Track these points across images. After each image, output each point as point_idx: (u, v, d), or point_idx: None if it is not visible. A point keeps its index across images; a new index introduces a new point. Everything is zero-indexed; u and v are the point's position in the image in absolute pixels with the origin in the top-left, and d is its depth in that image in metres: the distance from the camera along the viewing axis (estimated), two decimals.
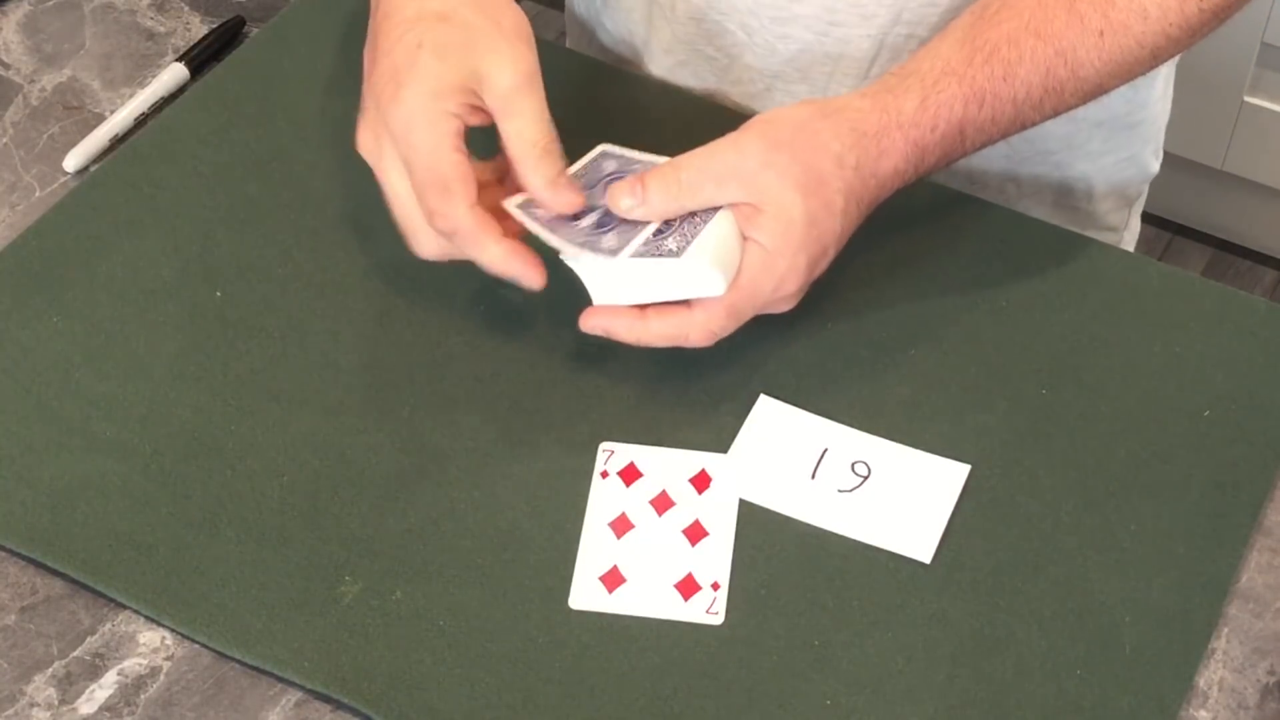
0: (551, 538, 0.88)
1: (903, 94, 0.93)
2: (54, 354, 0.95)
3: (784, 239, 0.89)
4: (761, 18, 1.09)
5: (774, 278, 0.89)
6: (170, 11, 1.17)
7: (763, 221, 0.89)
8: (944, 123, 0.93)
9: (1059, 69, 0.95)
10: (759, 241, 0.89)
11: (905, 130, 0.92)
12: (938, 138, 0.93)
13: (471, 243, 0.89)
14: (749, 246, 0.89)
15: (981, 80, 0.93)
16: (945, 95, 0.93)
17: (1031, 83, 0.94)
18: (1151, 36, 0.96)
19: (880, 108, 0.92)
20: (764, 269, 0.89)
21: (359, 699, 0.82)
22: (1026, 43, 0.94)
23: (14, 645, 0.84)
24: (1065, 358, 0.96)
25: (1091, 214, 1.21)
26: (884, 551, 0.88)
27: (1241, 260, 2.28)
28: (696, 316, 0.89)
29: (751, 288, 0.89)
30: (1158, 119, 1.20)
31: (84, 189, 1.04)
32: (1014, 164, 1.16)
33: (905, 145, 0.92)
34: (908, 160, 0.93)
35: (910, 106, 0.92)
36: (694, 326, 0.90)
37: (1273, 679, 0.84)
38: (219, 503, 0.89)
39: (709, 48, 1.13)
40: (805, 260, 0.89)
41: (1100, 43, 0.95)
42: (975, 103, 0.93)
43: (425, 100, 0.88)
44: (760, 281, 0.89)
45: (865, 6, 1.06)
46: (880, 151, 0.91)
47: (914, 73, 0.94)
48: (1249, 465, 0.92)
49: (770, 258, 0.89)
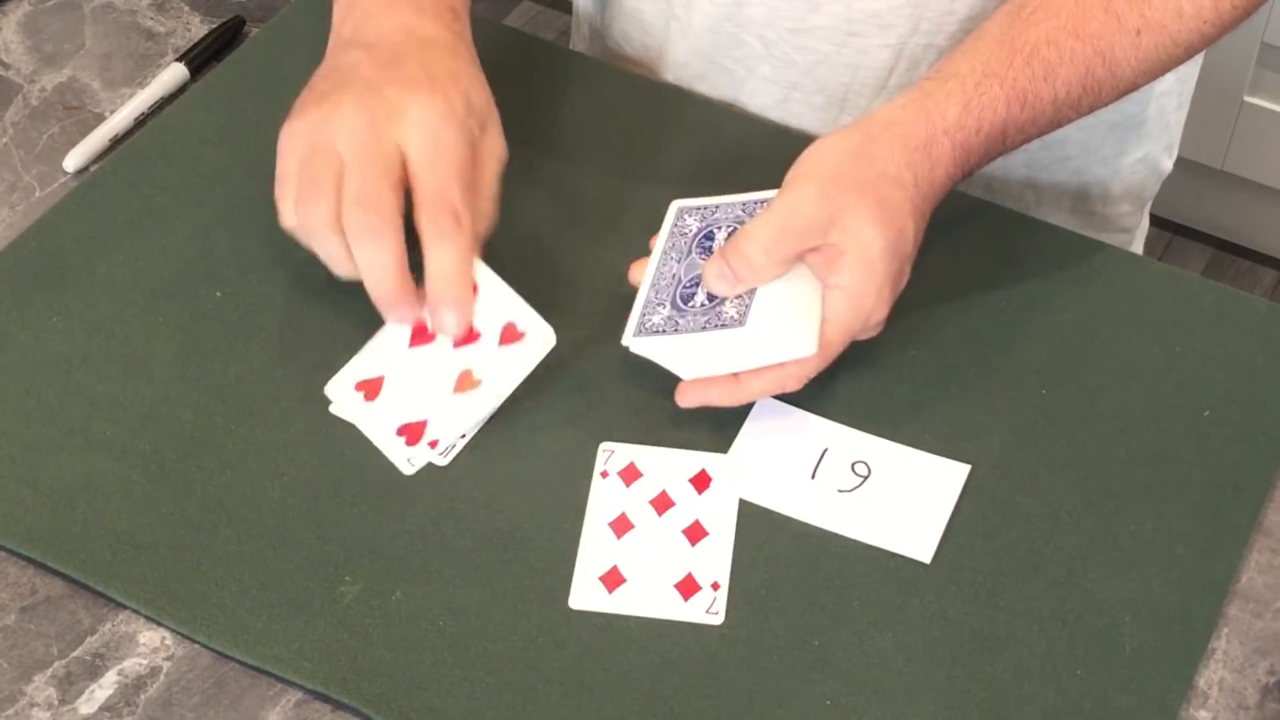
0: (551, 538, 0.88)
1: (944, 99, 0.92)
2: (54, 354, 0.95)
3: (867, 278, 0.88)
4: (779, 29, 1.09)
5: (862, 316, 0.89)
6: (170, 11, 1.17)
7: (845, 264, 0.88)
8: (988, 124, 0.93)
9: (1098, 68, 0.95)
10: (842, 286, 0.88)
11: (951, 135, 0.92)
12: (982, 139, 0.93)
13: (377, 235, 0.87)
14: (832, 293, 0.89)
15: (1023, 81, 0.93)
16: (988, 98, 0.92)
17: (1071, 82, 0.94)
18: (1186, 34, 0.96)
19: (924, 117, 0.92)
20: (852, 310, 0.89)
21: (359, 699, 0.82)
22: (1066, 43, 0.94)
23: (14, 645, 0.84)
24: (1065, 358, 0.96)
25: (1108, 217, 1.21)
26: (884, 551, 0.88)
27: (1241, 260, 2.28)
28: (791, 369, 0.89)
29: (843, 333, 0.89)
30: (1167, 115, 1.20)
31: (84, 189, 1.04)
32: (1033, 171, 1.16)
33: (953, 150, 0.92)
34: (956, 164, 0.93)
35: (954, 111, 0.92)
36: (790, 378, 0.90)
37: (1273, 679, 0.84)
38: (219, 503, 0.89)
39: (726, 59, 1.13)
40: (889, 289, 0.90)
41: (1137, 41, 0.95)
42: (1018, 104, 0.93)
43: (465, 112, 0.90)
44: (851, 323, 0.89)
45: (883, 16, 1.06)
46: (933, 162, 0.91)
47: (953, 75, 0.93)
48: (1249, 465, 0.92)
49: (856, 299, 0.89)
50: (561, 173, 1.05)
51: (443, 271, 0.88)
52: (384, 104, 0.89)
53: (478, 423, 0.92)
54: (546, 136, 1.07)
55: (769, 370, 0.89)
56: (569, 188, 1.04)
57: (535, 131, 1.07)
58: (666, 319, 0.90)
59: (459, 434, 0.91)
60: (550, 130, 1.08)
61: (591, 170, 1.05)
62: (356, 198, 0.87)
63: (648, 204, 0.99)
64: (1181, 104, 1.21)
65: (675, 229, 0.93)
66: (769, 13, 1.08)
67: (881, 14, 1.06)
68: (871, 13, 1.06)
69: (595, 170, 1.05)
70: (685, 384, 0.91)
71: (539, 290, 0.97)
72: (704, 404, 0.91)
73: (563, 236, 1.01)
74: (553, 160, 1.06)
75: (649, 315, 0.90)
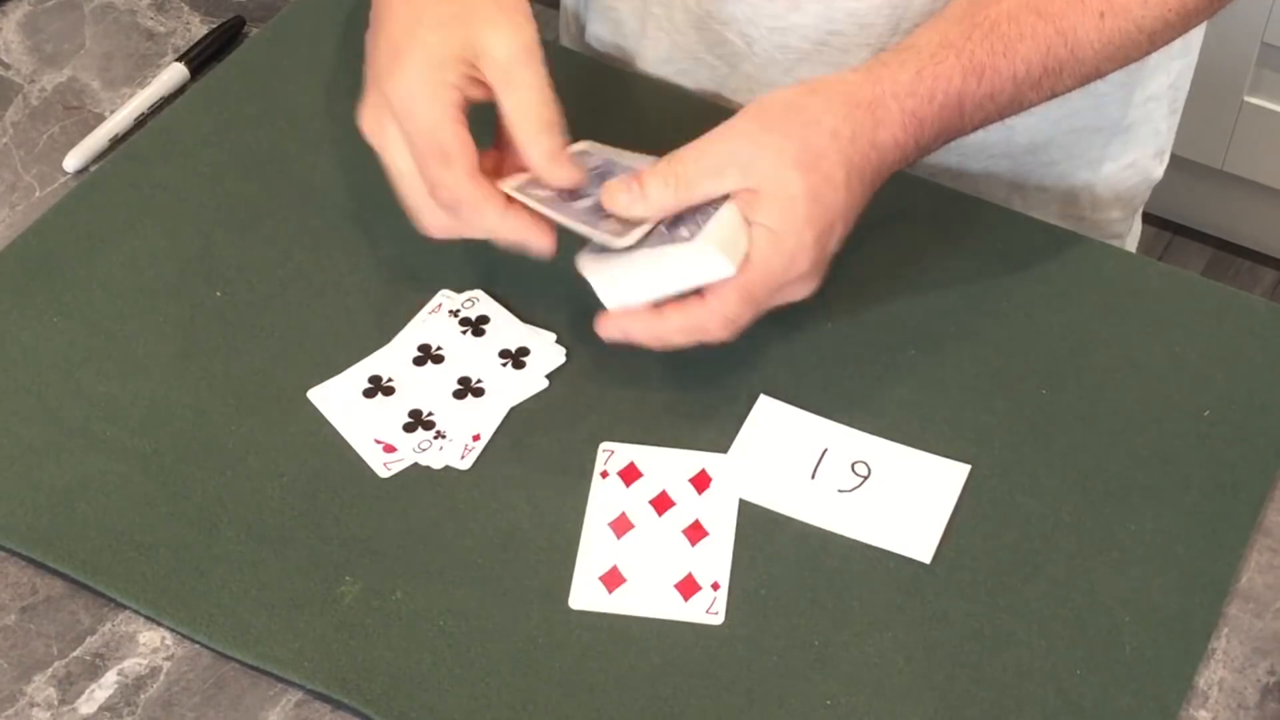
0: (551, 538, 0.88)
1: (897, 66, 0.92)
2: (54, 354, 0.95)
3: (788, 217, 0.88)
4: (760, 27, 1.09)
5: (784, 256, 0.88)
6: (170, 11, 1.17)
7: (764, 203, 0.88)
8: (942, 94, 0.92)
9: (1059, 48, 0.94)
10: (763, 224, 0.88)
11: (901, 100, 0.91)
12: (935, 109, 0.92)
13: (475, 212, 0.88)
14: (755, 230, 0.88)
15: (981, 54, 0.93)
16: (943, 67, 0.92)
17: (1031, 60, 0.94)
18: (1150, 20, 0.96)
19: (874, 79, 0.91)
20: (773, 250, 0.88)
21: (359, 699, 0.82)
22: (1027, 20, 0.93)
23: (14, 645, 0.84)
24: (1065, 358, 0.96)
25: (1097, 222, 1.21)
26: (884, 551, 0.88)
27: (1241, 260, 2.28)
28: (712, 304, 0.88)
29: (764, 269, 0.88)
30: (1156, 122, 1.19)
31: (84, 189, 1.04)
32: (1019, 175, 1.16)
33: (902, 115, 0.91)
34: (906, 131, 0.91)
35: (906, 77, 0.91)
36: (711, 316, 0.88)
37: (1273, 679, 0.84)
38: (219, 503, 0.89)
39: (709, 56, 1.13)
40: (813, 236, 0.88)
41: (1100, 24, 0.95)
42: (974, 76, 0.93)
43: (424, 72, 0.88)
44: (771, 262, 0.88)
45: (863, 16, 1.06)
46: (876, 121, 0.90)
47: (910, 47, 0.93)
48: (1249, 465, 0.92)
49: (777, 238, 0.88)
50: None
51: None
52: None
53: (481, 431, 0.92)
54: None
55: (689, 304, 0.88)
56: None
57: None
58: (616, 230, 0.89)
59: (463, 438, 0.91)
60: None
61: None
62: (446, 201, 0.88)
63: None
64: (1174, 110, 1.21)
65: (577, 155, 0.92)
66: (751, 11, 1.08)
67: (862, 13, 1.06)
68: (852, 12, 1.06)
69: None
70: (607, 314, 0.90)
71: (536, 289, 0.97)
72: (625, 337, 0.90)
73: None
74: None
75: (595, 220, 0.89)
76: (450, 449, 0.90)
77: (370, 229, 1.01)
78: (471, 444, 0.91)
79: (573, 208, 0.89)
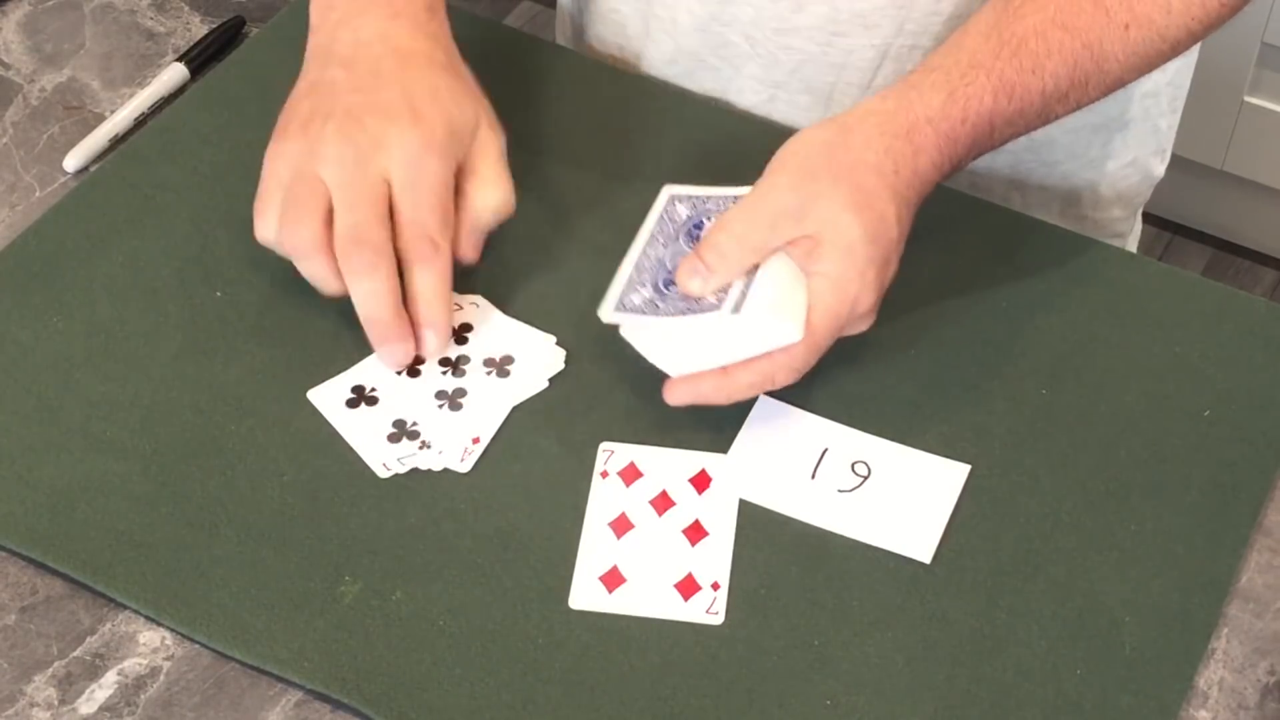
0: (551, 538, 0.88)
1: (929, 90, 0.92)
2: (54, 354, 0.95)
3: (848, 263, 0.88)
4: (764, 29, 1.09)
5: (847, 303, 0.89)
6: (170, 11, 1.17)
7: (824, 252, 0.88)
8: (974, 114, 0.92)
9: (1086, 62, 0.94)
10: (824, 273, 0.88)
11: (935, 124, 0.91)
12: (968, 129, 0.92)
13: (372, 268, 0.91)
14: (815, 281, 0.88)
15: (1010, 73, 0.93)
16: (974, 88, 0.92)
17: (1059, 75, 0.94)
18: (1174, 30, 0.96)
19: (906, 106, 0.91)
20: (836, 298, 0.88)
21: (359, 699, 0.82)
22: (1055, 36, 0.93)
23: (14, 645, 0.84)
24: (1065, 358, 0.96)
25: (1098, 221, 1.21)
26: (884, 551, 0.88)
27: (1241, 260, 2.28)
28: (779, 359, 0.89)
29: (830, 320, 0.88)
30: (1156, 120, 1.19)
31: (84, 189, 1.04)
32: (1019, 173, 1.16)
33: (937, 139, 0.91)
34: (941, 153, 0.92)
35: (938, 101, 0.92)
36: (779, 369, 0.89)
37: (1273, 679, 0.84)
38: (219, 503, 0.89)
39: (713, 58, 1.13)
40: (874, 276, 0.89)
41: (1126, 35, 0.95)
42: (1005, 95, 0.93)
43: (445, 136, 0.93)
44: (836, 311, 0.88)
45: (868, 17, 1.06)
46: (915, 149, 0.91)
47: (938, 68, 0.93)
48: (1249, 465, 0.92)
49: (839, 286, 0.88)
50: (559, 171, 1.05)
51: (423, 294, 0.92)
52: (366, 136, 0.92)
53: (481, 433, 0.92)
54: (544, 135, 1.07)
55: (756, 361, 0.89)
56: (567, 187, 1.04)
57: (533, 131, 1.07)
58: (647, 301, 0.89)
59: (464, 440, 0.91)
60: (548, 129, 1.08)
61: (589, 169, 1.05)
62: (351, 234, 0.91)
63: (645, 203, 0.98)
64: (1174, 109, 1.21)
65: (665, 214, 0.93)
66: (755, 12, 1.08)
67: (866, 14, 1.06)
68: (856, 13, 1.06)
69: (593, 169, 1.05)
70: (674, 380, 0.90)
71: (535, 289, 0.98)
72: (695, 400, 0.90)
73: (559, 235, 1.01)
74: (550, 159, 1.06)
75: (629, 294, 0.90)
76: (450, 452, 0.90)
77: None
78: (471, 447, 0.91)
79: (667, 306, 0.89)
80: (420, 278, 0.92)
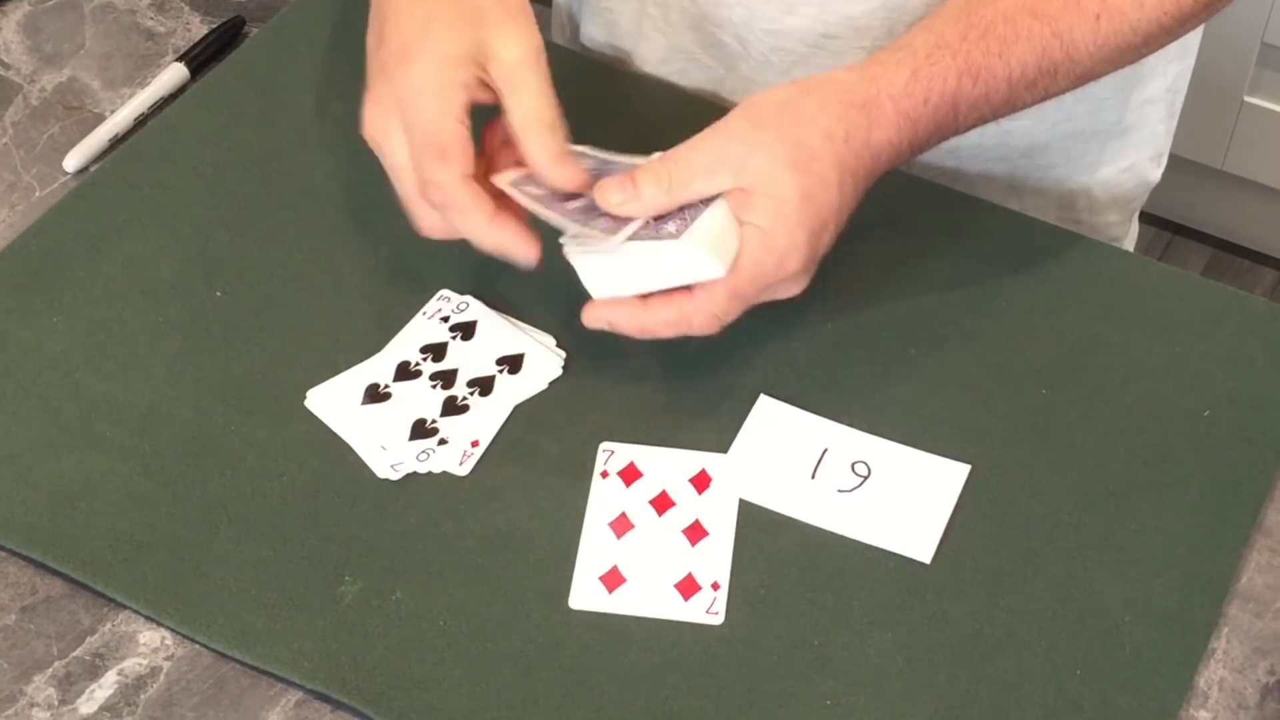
0: (551, 538, 0.88)
1: (893, 66, 0.92)
2: (54, 354, 0.95)
3: (779, 217, 0.88)
4: (755, 30, 1.09)
5: (774, 256, 0.88)
6: (170, 11, 1.17)
7: (756, 203, 0.88)
8: (936, 94, 0.92)
9: (1054, 50, 0.94)
10: (755, 223, 0.88)
11: (896, 101, 0.91)
12: (930, 110, 0.92)
13: (462, 216, 0.88)
14: (746, 230, 0.88)
15: (976, 55, 0.92)
16: (938, 68, 0.92)
17: (1026, 62, 0.94)
18: (1145, 24, 0.96)
19: (869, 79, 0.91)
20: (764, 249, 0.88)
21: (359, 699, 0.82)
22: (1023, 21, 0.93)
23: (14, 645, 0.84)
24: (1065, 358, 0.96)
25: (1094, 226, 1.20)
26: (884, 551, 0.88)
27: (1241, 260, 2.28)
28: (699, 301, 0.88)
29: (753, 269, 0.88)
30: (1154, 125, 1.19)
31: (84, 189, 1.04)
32: (1015, 178, 1.16)
33: (896, 116, 0.91)
34: (900, 131, 0.91)
35: (901, 78, 0.91)
36: (697, 311, 0.88)
37: (1273, 679, 0.84)
38: (219, 503, 0.89)
39: (705, 57, 1.13)
40: (805, 236, 0.88)
41: (1096, 26, 0.94)
42: (969, 77, 0.92)
43: (435, 69, 0.88)
44: (762, 262, 0.88)
45: (858, 20, 1.06)
46: (870, 122, 0.90)
47: (905, 46, 0.93)
48: (1249, 465, 0.92)
49: (768, 237, 0.88)
50: None
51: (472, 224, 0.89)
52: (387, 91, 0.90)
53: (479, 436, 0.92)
54: None
55: (675, 297, 0.88)
56: None
57: None
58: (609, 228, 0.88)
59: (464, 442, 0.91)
60: None
61: None
62: (437, 201, 0.88)
63: None
64: (1171, 114, 1.20)
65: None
66: (746, 13, 1.08)
67: (856, 17, 1.06)
68: (847, 15, 1.06)
69: None
70: (592, 303, 0.90)
71: (534, 290, 0.97)
72: (610, 325, 0.90)
73: (558, 235, 1.01)
74: None
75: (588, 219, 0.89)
76: (449, 455, 0.90)
77: (370, 229, 1.01)
78: (470, 450, 0.91)
79: (565, 206, 0.89)
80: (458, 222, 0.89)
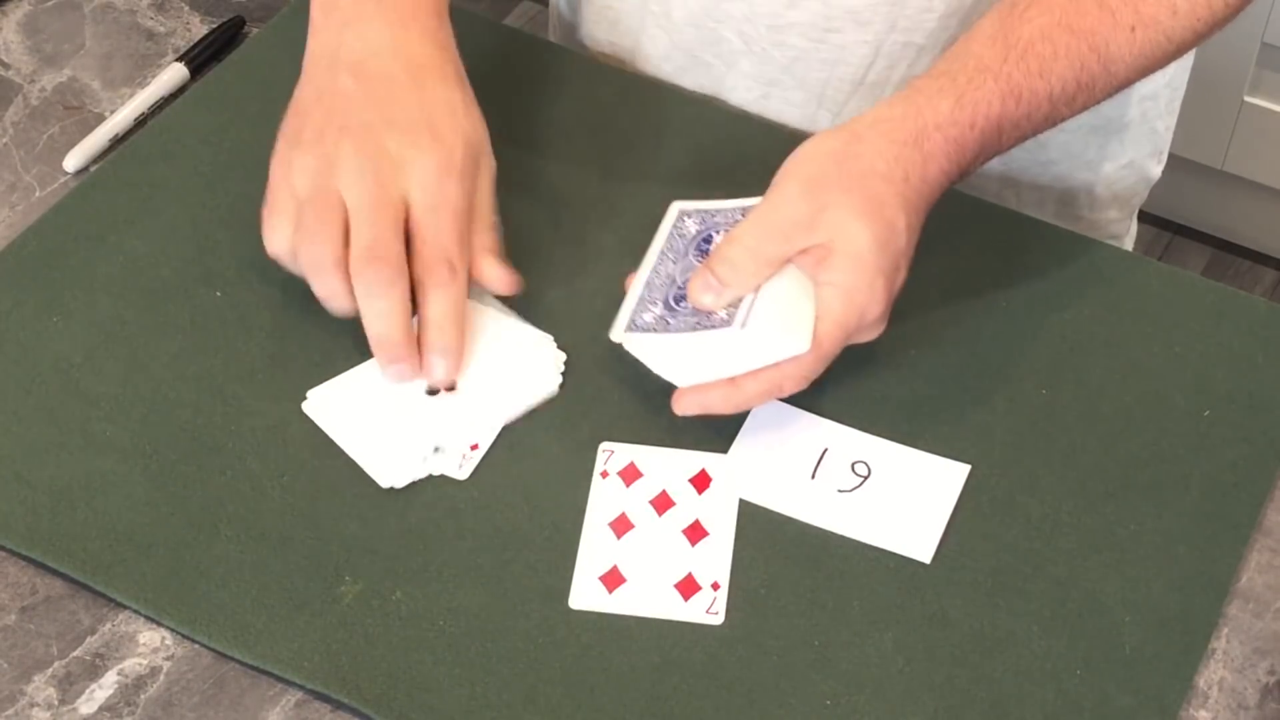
0: (551, 538, 0.88)
1: (935, 95, 0.92)
2: (54, 354, 0.95)
3: (858, 272, 0.88)
4: (758, 25, 1.09)
5: (856, 311, 0.88)
6: (170, 11, 1.17)
7: (834, 261, 0.88)
8: (982, 119, 0.92)
9: (1092, 64, 0.94)
10: (833, 282, 0.88)
11: (944, 130, 0.91)
12: (976, 134, 0.92)
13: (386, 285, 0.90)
14: (824, 290, 0.88)
15: (1018, 76, 0.92)
16: (982, 93, 0.92)
17: (1066, 78, 0.94)
18: (1180, 31, 0.96)
19: (914, 113, 0.91)
20: (845, 307, 0.88)
21: (359, 699, 0.82)
22: (1061, 38, 0.93)
23: (14, 645, 0.84)
24: (1065, 358, 0.96)
25: (1094, 222, 1.21)
26: (884, 551, 0.88)
27: (1241, 260, 2.28)
28: (787, 369, 0.88)
29: (837, 331, 0.88)
30: (1153, 121, 1.19)
31: (84, 189, 1.04)
32: (1013, 173, 1.16)
33: (945, 145, 0.91)
34: (950, 160, 0.92)
35: (945, 106, 0.91)
36: (787, 378, 0.89)
37: (1273, 679, 0.84)
38: (219, 503, 0.89)
39: (706, 54, 1.13)
40: (883, 283, 0.89)
41: (1132, 38, 0.95)
42: (1013, 99, 0.92)
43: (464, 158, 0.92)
44: (845, 320, 0.88)
45: (860, 13, 1.06)
46: (924, 157, 0.91)
47: (945, 73, 0.93)
48: (1249, 465, 0.92)
49: (848, 294, 0.88)
50: (558, 172, 1.05)
51: (436, 319, 0.91)
52: (386, 156, 0.91)
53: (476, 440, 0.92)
54: (543, 136, 1.07)
55: (765, 371, 0.89)
56: (566, 187, 1.04)
57: (531, 131, 1.07)
58: (658, 318, 0.89)
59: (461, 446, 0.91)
60: (547, 129, 1.08)
61: (588, 169, 1.05)
62: (369, 251, 0.89)
63: (645, 202, 0.99)
64: (1170, 110, 1.20)
65: (674, 230, 0.93)
66: (748, 8, 1.08)
67: (859, 10, 1.06)
68: (849, 9, 1.06)
69: (592, 169, 1.05)
70: (682, 390, 0.90)
71: (535, 290, 0.97)
72: (703, 410, 0.90)
73: (558, 236, 1.01)
74: (549, 160, 1.06)
75: (640, 313, 0.90)
76: (448, 459, 0.90)
77: None
78: (469, 454, 0.91)
79: (678, 322, 0.89)
80: (435, 302, 0.90)
